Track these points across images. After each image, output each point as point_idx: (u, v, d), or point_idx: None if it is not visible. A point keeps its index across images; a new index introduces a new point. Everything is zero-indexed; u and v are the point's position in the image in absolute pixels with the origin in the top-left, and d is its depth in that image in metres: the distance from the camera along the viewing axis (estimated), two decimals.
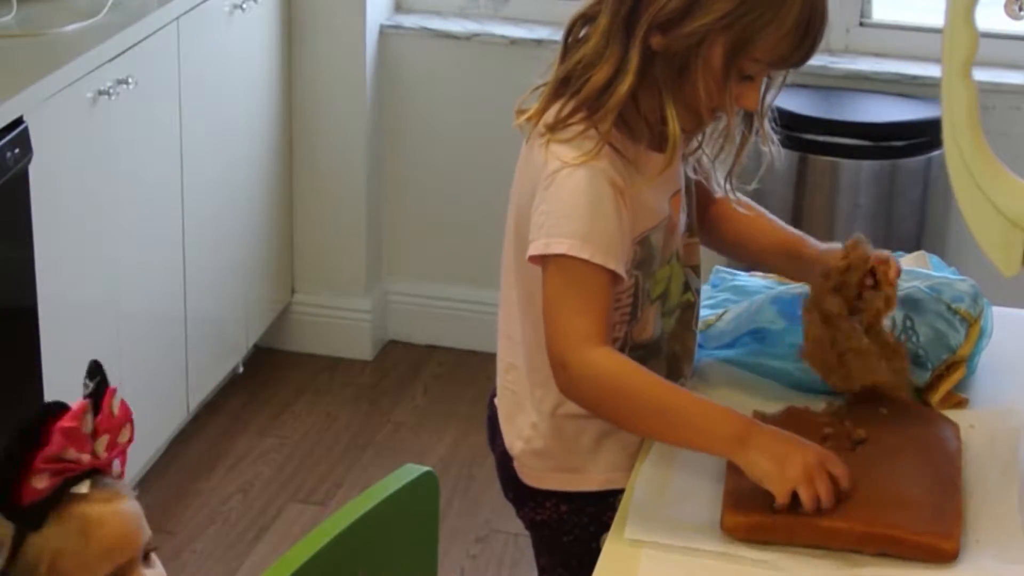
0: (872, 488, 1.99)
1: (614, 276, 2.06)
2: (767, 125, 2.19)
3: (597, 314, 2.05)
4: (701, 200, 2.33)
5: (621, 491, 2.16)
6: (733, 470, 2.02)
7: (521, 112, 2.17)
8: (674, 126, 2.08)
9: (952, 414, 2.20)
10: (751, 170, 2.26)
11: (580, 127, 2.09)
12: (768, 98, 2.15)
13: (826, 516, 1.94)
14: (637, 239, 2.12)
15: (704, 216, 2.34)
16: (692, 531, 1.97)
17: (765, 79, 2.11)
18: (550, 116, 2.12)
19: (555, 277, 2.06)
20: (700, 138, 2.22)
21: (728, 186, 2.26)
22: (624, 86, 2.06)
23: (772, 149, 2.20)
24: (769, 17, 2.02)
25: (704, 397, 2.10)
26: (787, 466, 1.95)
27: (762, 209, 2.36)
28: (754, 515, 1.95)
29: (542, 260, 2.08)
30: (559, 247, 2.04)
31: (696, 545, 1.95)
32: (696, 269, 2.29)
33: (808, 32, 2.05)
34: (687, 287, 2.26)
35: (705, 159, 2.25)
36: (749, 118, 2.17)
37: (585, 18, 2.13)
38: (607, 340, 2.06)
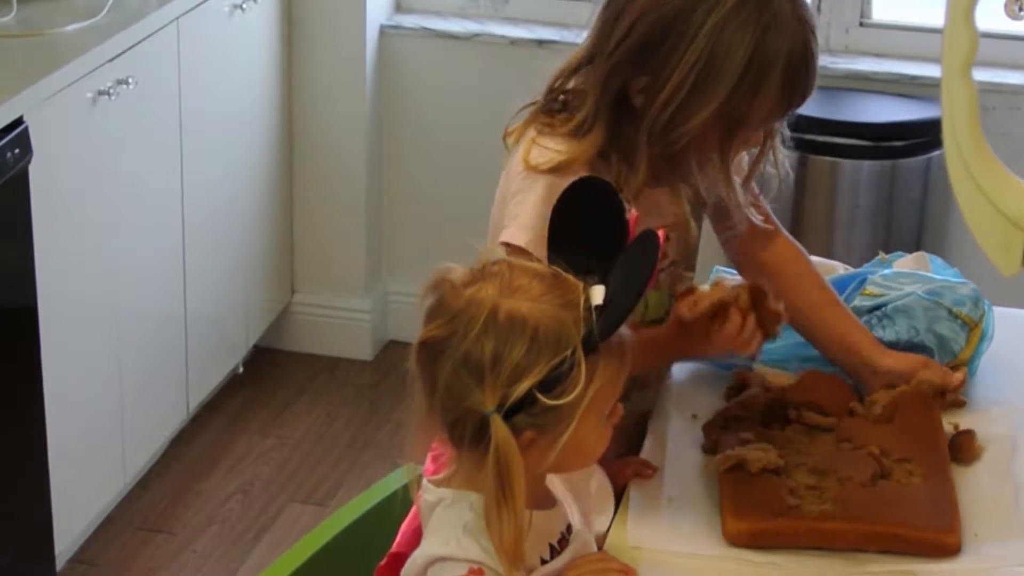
0: (868, 486, 1.99)
1: None
2: (779, 145, 2.17)
3: None
4: (752, 241, 2.28)
5: None
6: (729, 477, 2.02)
7: (509, 133, 2.14)
8: (682, 208, 2.08)
9: (946, 415, 2.19)
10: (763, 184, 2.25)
11: (567, 139, 2.06)
12: (776, 126, 2.13)
13: (828, 519, 1.94)
14: None
15: (758, 259, 2.29)
16: (693, 537, 1.97)
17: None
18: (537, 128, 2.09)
19: None
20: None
21: (736, 206, 2.21)
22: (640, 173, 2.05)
23: (780, 171, 2.19)
24: (756, 92, 2.00)
25: None
26: None
27: (810, 260, 2.30)
28: (756, 522, 1.95)
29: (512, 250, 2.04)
30: (517, 239, 2.02)
31: (700, 552, 1.94)
32: None
33: (796, 87, 2.03)
34: (668, 315, 2.19)
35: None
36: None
37: (570, 73, 2.10)
38: None
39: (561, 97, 2.10)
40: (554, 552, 1.78)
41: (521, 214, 2.05)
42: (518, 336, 1.65)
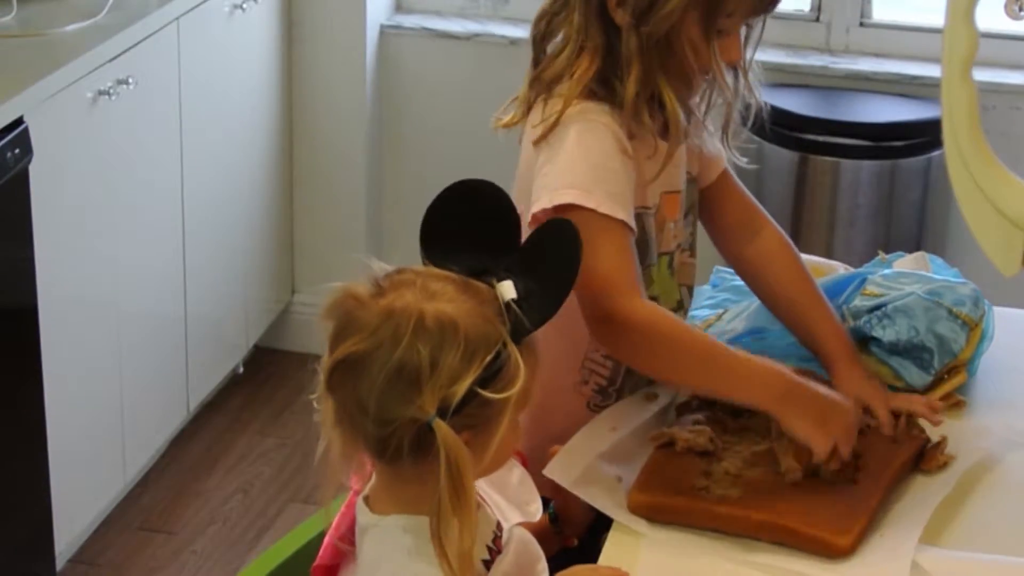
0: (785, 481, 2.00)
1: (628, 229, 2.03)
2: (751, 77, 2.17)
3: (630, 264, 2.03)
4: (739, 235, 2.29)
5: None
6: (659, 452, 2.03)
7: (501, 120, 2.15)
8: (673, 106, 2.07)
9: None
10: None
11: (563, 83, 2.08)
12: (748, 52, 2.14)
13: (725, 503, 1.96)
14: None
15: (744, 253, 2.29)
16: (612, 497, 1.99)
17: (744, 30, 2.11)
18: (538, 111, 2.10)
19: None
20: (699, 109, 2.18)
21: (727, 145, 2.22)
22: (631, 79, 2.04)
23: (756, 99, 2.18)
24: None
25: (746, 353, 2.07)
26: (828, 424, 1.98)
27: (797, 252, 2.30)
28: (657, 496, 1.97)
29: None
30: (564, 197, 2.01)
31: (610, 513, 1.97)
32: (690, 289, 2.26)
33: None
34: (680, 305, 2.22)
35: (706, 136, 2.21)
36: (732, 74, 2.15)
37: (551, 15, 2.12)
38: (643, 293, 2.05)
39: (547, 49, 2.11)
40: (492, 552, 1.77)
41: (551, 173, 2.05)
42: (451, 338, 1.64)
